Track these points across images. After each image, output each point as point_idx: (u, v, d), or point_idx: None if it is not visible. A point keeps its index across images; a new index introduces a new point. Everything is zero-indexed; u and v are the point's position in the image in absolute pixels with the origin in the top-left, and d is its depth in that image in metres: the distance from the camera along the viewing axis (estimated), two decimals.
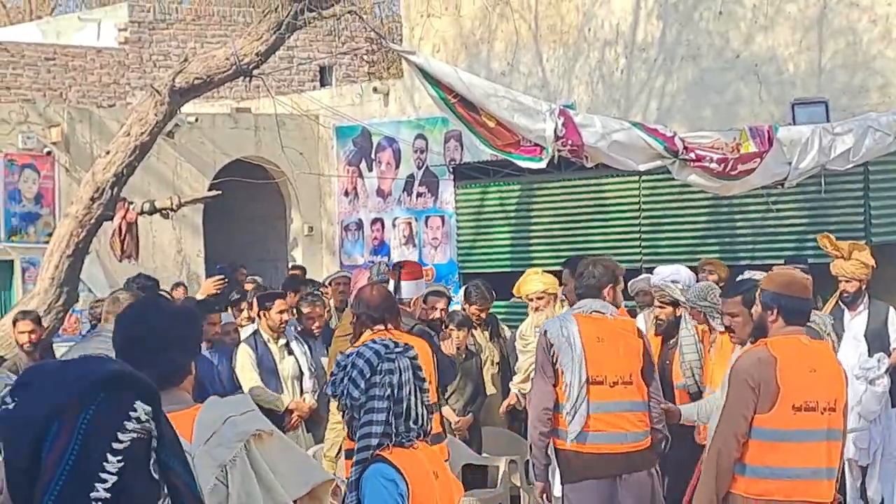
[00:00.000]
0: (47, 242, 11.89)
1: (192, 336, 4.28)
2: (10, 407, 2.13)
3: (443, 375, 8.14)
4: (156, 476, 2.15)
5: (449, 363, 8.44)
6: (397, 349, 4.32)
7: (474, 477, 9.58)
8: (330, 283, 12.95)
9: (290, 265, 16.43)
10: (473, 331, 10.26)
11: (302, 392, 9.88)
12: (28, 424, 2.10)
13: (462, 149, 15.40)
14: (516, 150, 9.66)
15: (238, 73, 10.39)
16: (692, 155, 9.78)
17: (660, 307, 9.25)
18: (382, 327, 7.28)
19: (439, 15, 16.26)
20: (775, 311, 6.05)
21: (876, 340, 10.17)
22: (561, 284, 9.82)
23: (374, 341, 4.38)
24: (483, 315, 10.69)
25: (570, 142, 9.50)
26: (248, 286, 12.51)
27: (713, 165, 9.73)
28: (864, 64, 13.07)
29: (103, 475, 2.08)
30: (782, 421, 5.85)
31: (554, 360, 7.30)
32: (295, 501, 4.12)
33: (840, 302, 10.21)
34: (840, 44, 13.22)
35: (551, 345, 7.31)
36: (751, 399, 5.85)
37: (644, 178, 12.39)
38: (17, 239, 14.62)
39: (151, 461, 2.15)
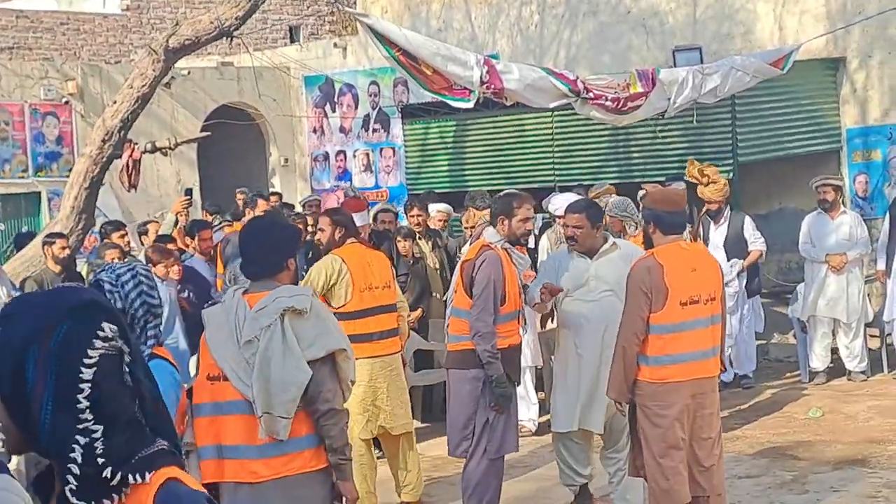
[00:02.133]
0: (68, 177, 11.91)
1: (286, 243, 4.77)
2: None
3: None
4: (130, 384, 2.08)
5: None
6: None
7: (424, 359, 9.75)
8: (304, 205, 13.06)
9: (269, 191, 16.50)
10: (418, 241, 10.30)
11: None
12: (8, 352, 2.01)
13: (408, 92, 15.46)
14: (449, 92, 9.69)
15: (221, 34, 10.36)
16: (591, 94, 9.84)
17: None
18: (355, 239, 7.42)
19: None
20: (653, 224, 6.03)
21: (735, 246, 10.32)
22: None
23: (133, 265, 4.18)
24: (424, 223, 10.59)
25: (492, 86, 9.54)
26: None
27: (608, 103, 9.80)
28: (730, 16, 13.20)
29: (81, 386, 2.01)
30: (673, 316, 5.85)
31: None
32: (316, 361, 4.51)
33: (707, 216, 10.40)
34: None
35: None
36: (644, 302, 5.84)
37: (556, 113, 12.49)
38: (42, 175, 14.57)
39: (125, 373, 2.07)
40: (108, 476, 2.00)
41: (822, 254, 10.45)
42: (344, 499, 4.62)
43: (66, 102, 14.78)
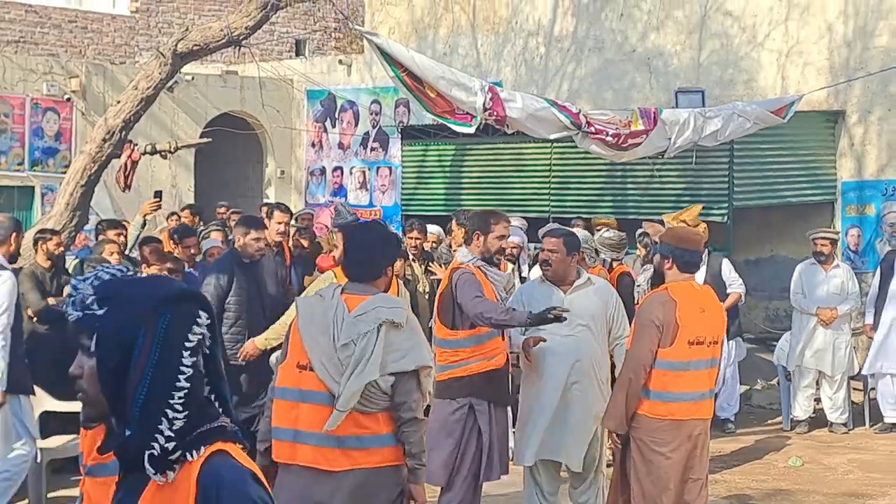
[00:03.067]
0: (63, 173, 11.81)
1: (388, 251, 5.02)
2: (100, 313, 2.26)
3: None
4: (201, 367, 2.30)
5: None
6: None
7: None
8: (297, 219, 13.00)
9: (263, 201, 16.44)
10: (411, 263, 10.24)
11: None
12: (120, 329, 2.23)
13: (409, 113, 15.45)
14: (452, 116, 9.66)
15: (230, 42, 10.31)
16: (592, 129, 9.83)
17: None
18: None
19: (395, 3, 16.26)
20: (671, 261, 6.00)
21: (714, 289, 10.28)
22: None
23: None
24: (421, 246, 10.56)
25: (495, 113, 9.52)
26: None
27: (609, 139, 9.78)
28: (733, 62, 13.24)
29: (182, 368, 2.24)
30: (680, 353, 5.84)
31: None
32: (405, 373, 4.74)
33: None
34: (716, 45, 13.38)
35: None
36: (656, 335, 5.81)
37: (555, 144, 12.47)
38: (38, 169, 14.50)
39: (204, 355, 2.31)
40: (174, 451, 2.23)
41: (813, 306, 10.43)
42: (412, 501, 4.85)
43: (68, 99, 14.72)
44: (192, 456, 2.24)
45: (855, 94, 12.54)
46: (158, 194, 11.43)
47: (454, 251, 9.89)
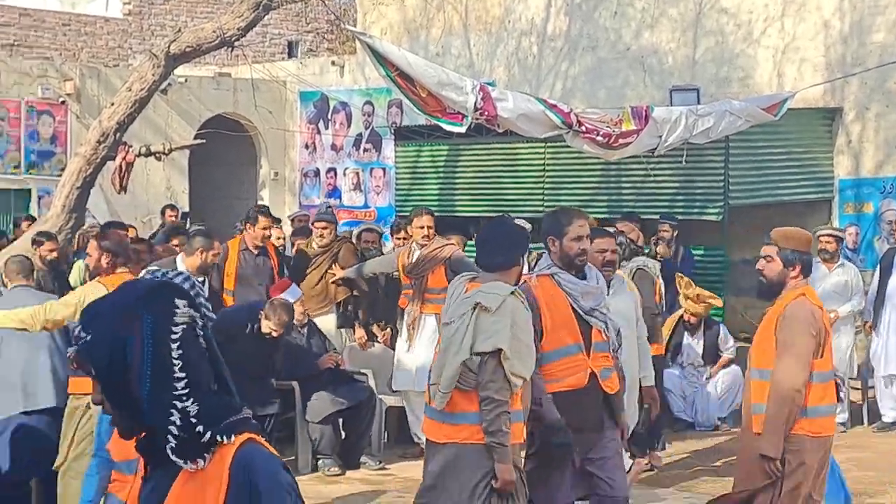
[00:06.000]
0: (59, 176, 11.80)
1: (517, 244, 5.36)
2: (88, 339, 2.32)
3: None
4: (204, 348, 2.37)
5: None
6: None
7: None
8: (293, 220, 13.01)
9: (257, 203, 16.42)
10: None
11: None
12: (109, 344, 2.29)
13: (402, 114, 15.43)
14: (443, 115, 9.64)
15: (222, 44, 10.31)
16: (583, 128, 9.83)
17: None
18: None
19: (387, 3, 16.23)
20: (798, 268, 5.45)
21: (710, 356, 10.68)
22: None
23: None
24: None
25: (486, 113, 9.50)
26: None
27: (599, 138, 9.78)
28: (729, 60, 13.21)
29: (174, 360, 2.30)
30: (827, 364, 5.44)
31: None
32: (485, 354, 5.05)
33: (683, 325, 10.57)
34: (711, 42, 13.35)
35: None
36: (815, 346, 5.33)
37: (549, 144, 12.38)
38: (34, 172, 14.52)
39: (199, 338, 2.36)
40: (201, 434, 2.28)
41: None
42: (495, 480, 5.05)
43: (63, 102, 14.72)
44: (226, 439, 2.30)
45: (852, 91, 12.52)
46: (172, 207, 11.48)
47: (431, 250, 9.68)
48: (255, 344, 8.37)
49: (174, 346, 2.31)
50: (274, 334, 8.53)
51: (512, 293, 5.12)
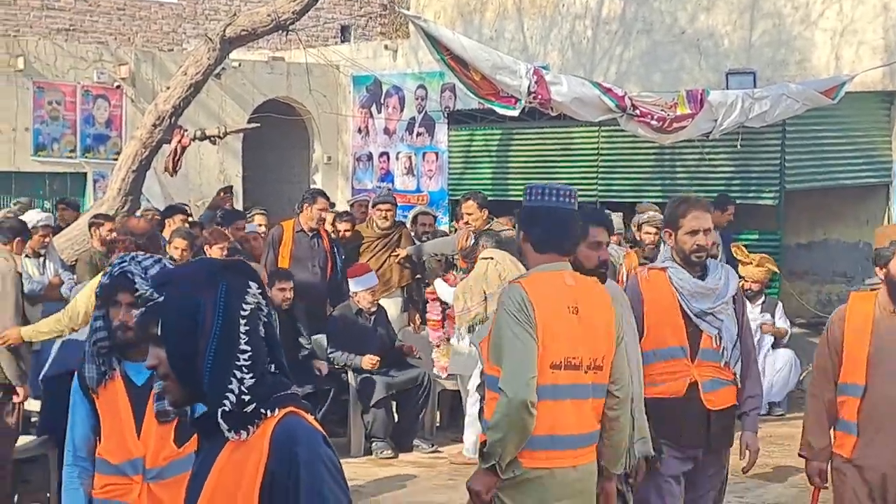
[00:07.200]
0: (115, 159, 11.93)
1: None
2: (161, 300, 2.41)
3: None
4: (264, 336, 2.45)
5: None
6: None
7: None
8: (352, 205, 13.06)
9: (310, 187, 16.49)
10: None
11: None
12: (182, 307, 2.39)
13: (455, 98, 15.41)
14: (496, 98, 9.70)
15: (277, 27, 10.38)
16: (637, 112, 9.83)
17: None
18: None
19: None
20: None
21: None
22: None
23: None
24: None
25: (539, 96, 9.53)
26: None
27: (653, 122, 9.78)
28: (786, 42, 13.08)
29: (241, 332, 2.39)
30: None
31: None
32: None
33: (744, 294, 10.57)
34: (768, 24, 13.22)
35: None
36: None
37: (603, 127, 12.36)
38: (90, 156, 14.65)
39: (262, 325, 2.45)
40: (249, 409, 2.37)
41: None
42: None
43: (118, 87, 14.83)
44: (269, 412, 2.38)
45: None
46: (229, 189, 11.59)
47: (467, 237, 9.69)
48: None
49: (243, 321, 2.39)
50: (284, 305, 8.56)
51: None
